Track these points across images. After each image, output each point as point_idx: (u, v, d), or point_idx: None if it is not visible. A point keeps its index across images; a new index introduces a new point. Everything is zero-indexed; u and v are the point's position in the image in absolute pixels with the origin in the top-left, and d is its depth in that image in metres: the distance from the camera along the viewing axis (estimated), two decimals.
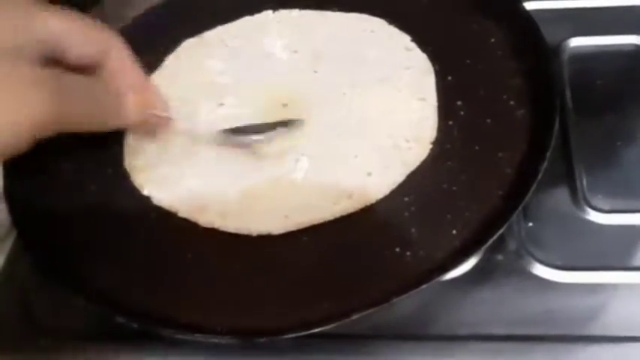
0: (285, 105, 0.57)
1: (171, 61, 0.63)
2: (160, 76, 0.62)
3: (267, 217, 0.50)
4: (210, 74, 0.61)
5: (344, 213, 0.49)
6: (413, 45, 0.59)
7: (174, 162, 0.55)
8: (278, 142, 0.54)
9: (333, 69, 0.59)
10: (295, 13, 0.65)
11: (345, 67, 0.59)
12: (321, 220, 0.49)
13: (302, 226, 0.49)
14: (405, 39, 0.60)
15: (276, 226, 0.49)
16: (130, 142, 0.57)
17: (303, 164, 0.53)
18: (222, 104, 0.58)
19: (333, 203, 0.50)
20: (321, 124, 0.55)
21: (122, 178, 0.55)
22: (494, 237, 0.44)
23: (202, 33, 0.65)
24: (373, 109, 0.55)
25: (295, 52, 0.61)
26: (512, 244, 0.50)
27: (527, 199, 0.46)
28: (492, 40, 0.59)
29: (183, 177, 0.54)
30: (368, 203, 0.50)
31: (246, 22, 0.65)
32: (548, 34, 0.56)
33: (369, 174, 0.51)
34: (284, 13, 0.65)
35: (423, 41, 0.60)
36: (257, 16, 0.65)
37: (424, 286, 0.43)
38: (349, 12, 0.64)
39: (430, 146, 0.52)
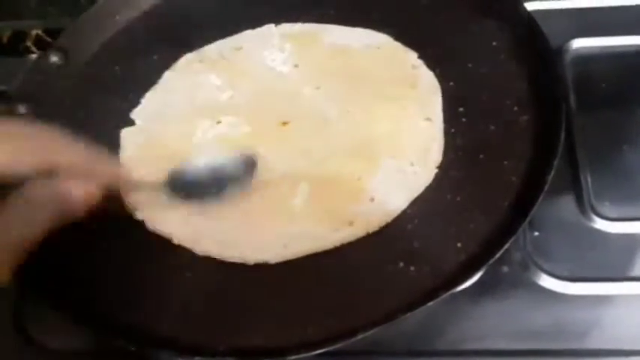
0: (285, 123, 0.55)
1: (168, 77, 0.62)
2: (156, 93, 0.60)
3: (265, 247, 0.48)
4: (209, 90, 0.60)
5: (344, 241, 0.48)
6: (420, 62, 0.58)
7: None
8: (278, 165, 0.52)
9: (336, 85, 0.57)
10: (298, 27, 0.63)
11: (349, 84, 0.57)
12: (321, 249, 0.47)
13: (300, 254, 0.47)
14: (411, 56, 0.58)
15: (274, 256, 0.48)
16: (125, 160, 0.56)
17: (303, 189, 0.51)
18: (219, 122, 0.57)
19: (334, 231, 0.48)
20: (322, 144, 0.53)
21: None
22: (502, 250, 0.43)
23: (202, 47, 0.63)
24: (377, 128, 0.54)
25: (296, 66, 0.60)
26: (517, 255, 0.49)
27: (535, 209, 0.44)
28: (494, 43, 0.58)
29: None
30: (370, 231, 0.48)
31: (247, 35, 0.64)
32: (550, 35, 0.55)
33: (372, 199, 0.49)
34: (286, 27, 0.63)
35: (422, 46, 0.58)
36: (258, 30, 0.64)
37: (431, 304, 0.41)
38: (353, 27, 0.62)
39: (436, 170, 0.50)
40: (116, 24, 0.67)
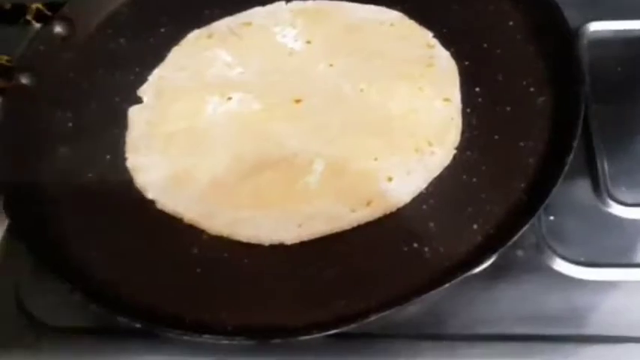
0: (298, 101, 0.54)
1: (176, 52, 0.60)
2: (164, 69, 0.59)
3: (280, 226, 0.47)
4: (218, 66, 0.58)
5: (361, 222, 0.46)
6: (435, 41, 0.56)
7: (179, 161, 0.52)
8: (291, 142, 0.51)
9: (350, 62, 0.56)
10: (310, 3, 0.62)
11: (364, 61, 0.56)
12: (337, 230, 0.46)
13: (316, 235, 0.46)
14: (426, 35, 0.57)
15: (289, 236, 0.47)
16: (132, 139, 0.54)
17: (317, 167, 0.49)
18: (230, 98, 0.55)
19: (351, 211, 0.47)
20: (337, 122, 0.52)
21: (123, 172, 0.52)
22: (520, 233, 0.42)
23: (211, 24, 0.62)
24: (393, 107, 0.52)
25: (309, 42, 0.58)
26: (532, 239, 0.48)
27: (553, 192, 0.43)
28: (510, 22, 0.57)
29: (189, 179, 0.51)
30: (388, 211, 0.47)
31: (256, 11, 0.62)
32: (566, 18, 0.54)
33: (390, 179, 0.48)
34: (297, 4, 0.62)
35: (437, 25, 0.57)
36: (269, 7, 0.62)
37: (445, 286, 0.40)
38: (366, 4, 0.60)
39: (454, 151, 0.49)
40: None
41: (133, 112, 0.56)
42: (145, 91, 0.58)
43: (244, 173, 0.50)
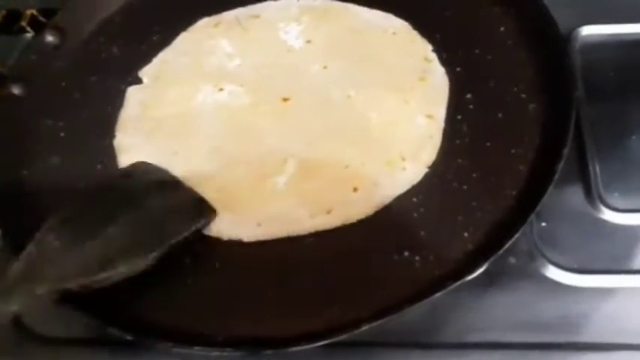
0: (286, 99, 0.54)
1: (183, 38, 0.61)
2: (168, 53, 0.60)
3: (240, 223, 0.47)
4: (219, 56, 0.59)
5: (319, 229, 0.47)
6: (433, 56, 0.56)
7: (160, 147, 0.53)
8: (270, 140, 0.52)
9: (344, 67, 0.56)
10: (319, 2, 0.62)
11: (358, 67, 0.56)
12: (295, 234, 0.46)
13: (274, 236, 0.46)
14: (426, 48, 0.56)
15: (248, 234, 0.47)
16: (123, 118, 0.56)
17: (289, 168, 0.50)
18: (221, 89, 0.56)
19: (310, 217, 0.47)
20: (319, 126, 0.52)
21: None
22: (511, 241, 0.42)
23: (221, 13, 0.62)
24: (375, 117, 0.52)
25: (309, 42, 0.58)
26: (524, 246, 0.47)
27: (543, 200, 0.43)
28: (502, 28, 0.56)
29: (166, 166, 0.51)
30: (347, 222, 0.47)
31: (267, 5, 0.62)
32: (558, 22, 0.54)
33: (355, 189, 0.48)
34: (308, 1, 0.62)
35: (430, 29, 0.57)
36: (280, 2, 0.62)
37: (437, 295, 0.40)
38: (373, 8, 0.60)
39: (426, 170, 0.49)
40: (115, 1, 0.65)
41: (131, 92, 0.58)
42: (146, 72, 0.59)
43: (219, 166, 0.51)
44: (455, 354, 0.44)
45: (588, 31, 0.60)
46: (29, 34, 0.68)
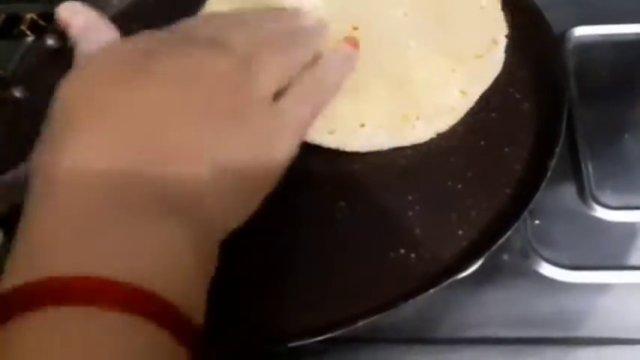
0: (355, 28, 0.53)
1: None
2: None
3: None
4: None
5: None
6: (503, 40, 0.55)
7: None
8: None
9: (422, 20, 0.55)
10: None
11: (433, 25, 0.55)
12: None
13: None
14: (501, 30, 0.55)
15: None
16: None
17: None
18: None
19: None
20: (368, 60, 0.51)
21: None
22: (503, 238, 0.43)
23: None
24: (418, 73, 0.52)
25: None
26: (518, 243, 0.48)
27: (536, 197, 0.44)
28: None
29: None
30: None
31: None
32: (551, 22, 0.55)
33: (362, 125, 0.50)
34: None
35: None
36: None
37: (432, 291, 0.41)
38: None
39: (433, 136, 0.50)
40: (115, 6, 0.66)
41: None
42: None
43: None
44: (450, 350, 0.45)
45: (581, 31, 0.61)
46: (29, 38, 0.69)
